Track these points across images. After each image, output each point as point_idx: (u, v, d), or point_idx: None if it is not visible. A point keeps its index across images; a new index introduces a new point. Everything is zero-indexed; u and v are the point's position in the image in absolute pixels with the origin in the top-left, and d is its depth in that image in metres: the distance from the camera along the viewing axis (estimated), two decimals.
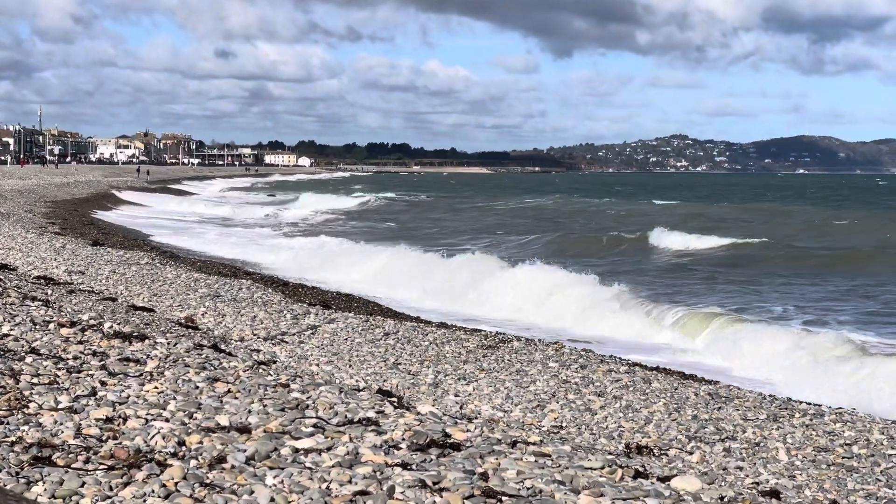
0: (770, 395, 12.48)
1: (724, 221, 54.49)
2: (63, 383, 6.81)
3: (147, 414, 6.16)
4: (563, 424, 10.49)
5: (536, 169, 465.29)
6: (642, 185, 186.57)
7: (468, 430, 6.63)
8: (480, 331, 16.62)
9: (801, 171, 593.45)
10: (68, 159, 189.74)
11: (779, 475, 8.98)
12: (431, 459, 5.68)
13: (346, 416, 6.59)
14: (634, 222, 51.69)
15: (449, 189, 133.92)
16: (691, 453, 9.55)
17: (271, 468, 5.26)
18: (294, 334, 14.85)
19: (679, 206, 74.12)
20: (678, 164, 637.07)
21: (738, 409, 11.32)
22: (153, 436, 5.68)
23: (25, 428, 5.62)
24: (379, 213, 67.77)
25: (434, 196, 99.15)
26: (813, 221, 54.80)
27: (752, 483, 8.55)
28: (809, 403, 12.11)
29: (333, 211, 67.35)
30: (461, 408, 10.96)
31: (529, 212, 69.03)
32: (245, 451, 5.50)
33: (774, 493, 6.92)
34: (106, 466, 5.08)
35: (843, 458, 9.60)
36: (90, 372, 7.27)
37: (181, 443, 5.60)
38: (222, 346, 11.23)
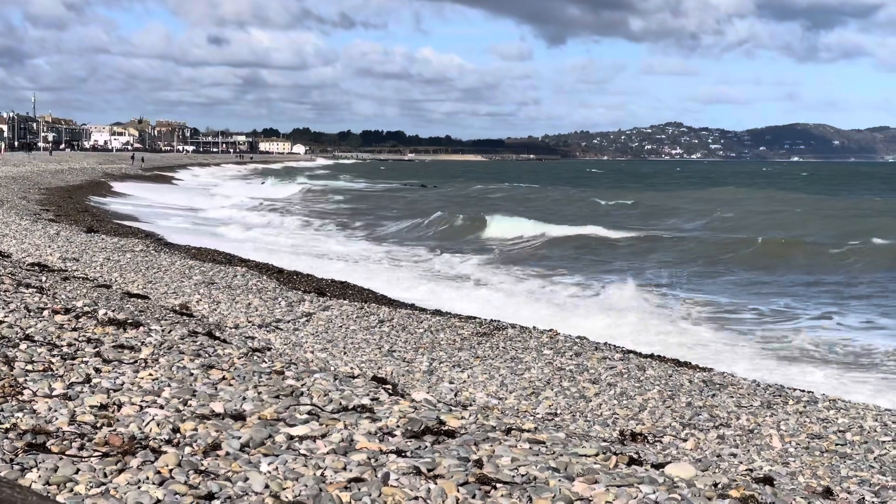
0: (764, 383, 12.51)
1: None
2: (57, 370, 6.80)
3: (141, 401, 6.16)
4: (558, 412, 10.50)
5: (531, 157, 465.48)
6: (623, 172, 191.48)
7: (463, 418, 6.63)
8: (475, 318, 16.62)
9: (795, 158, 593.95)
10: (62, 146, 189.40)
11: (772, 462, 9.00)
12: (426, 446, 5.68)
13: (340, 404, 6.60)
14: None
15: (409, 176, 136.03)
16: (685, 440, 9.57)
17: (266, 455, 5.27)
18: (289, 321, 14.85)
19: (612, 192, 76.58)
20: (673, 151, 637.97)
21: (731, 397, 11.34)
22: (148, 423, 5.68)
23: (20, 415, 5.62)
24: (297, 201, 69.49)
25: (374, 182, 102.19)
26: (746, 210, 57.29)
27: (746, 470, 8.57)
28: (803, 391, 12.14)
29: (264, 198, 67.61)
30: (456, 395, 10.97)
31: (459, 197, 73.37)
32: (240, 438, 5.50)
33: (768, 480, 6.92)
34: (100, 453, 5.08)
35: (837, 444, 9.62)
36: (84, 359, 7.27)
37: (176, 430, 5.60)
38: (217, 334, 11.23)
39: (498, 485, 5.03)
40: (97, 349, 7.67)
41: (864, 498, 7.94)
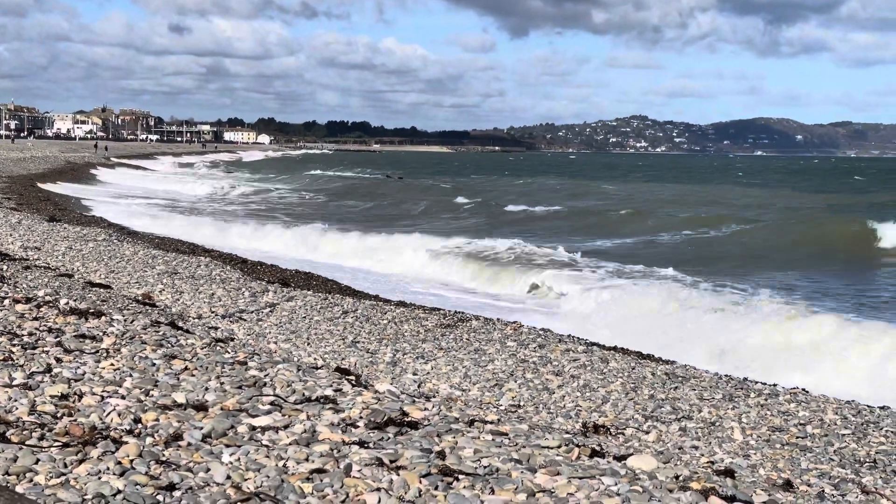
0: (726, 375, 12.58)
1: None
2: (18, 360, 6.74)
3: (103, 391, 6.12)
4: (521, 403, 10.52)
5: (496, 149, 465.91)
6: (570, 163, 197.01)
7: (426, 409, 6.63)
8: (439, 310, 16.63)
9: (759, 153, 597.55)
10: (24, 134, 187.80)
11: (733, 454, 9.05)
12: (389, 438, 5.68)
13: (303, 394, 6.58)
14: None
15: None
16: (647, 433, 9.61)
17: (228, 446, 5.25)
18: (252, 312, 14.79)
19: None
20: (638, 144, 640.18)
21: (694, 389, 11.40)
22: (109, 413, 5.64)
23: None
24: None
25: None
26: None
27: (707, 462, 8.62)
28: (765, 384, 12.22)
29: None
30: (419, 386, 10.96)
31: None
32: (201, 428, 5.47)
33: (729, 473, 6.97)
34: (61, 443, 5.04)
35: (797, 437, 9.69)
36: (45, 348, 7.21)
37: (137, 420, 5.57)
38: (180, 324, 11.16)
39: (460, 476, 5.03)
40: (58, 339, 7.61)
41: (823, 490, 8.00)
